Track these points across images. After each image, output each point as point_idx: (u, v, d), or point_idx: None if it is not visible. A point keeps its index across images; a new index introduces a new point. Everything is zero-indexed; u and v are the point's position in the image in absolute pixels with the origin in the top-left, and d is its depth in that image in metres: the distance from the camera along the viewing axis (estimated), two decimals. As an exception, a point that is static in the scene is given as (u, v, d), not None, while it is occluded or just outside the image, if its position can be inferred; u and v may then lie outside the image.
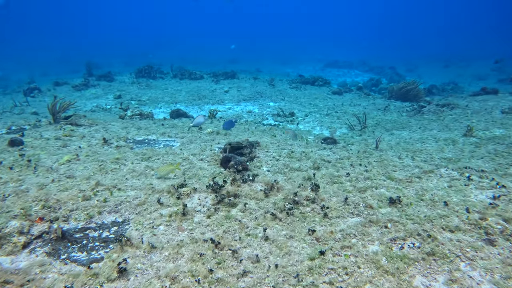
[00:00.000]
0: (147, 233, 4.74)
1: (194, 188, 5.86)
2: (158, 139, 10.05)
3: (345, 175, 7.08)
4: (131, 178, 6.72)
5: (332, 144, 10.28)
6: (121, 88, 19.94)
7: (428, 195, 6.08)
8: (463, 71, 31.80)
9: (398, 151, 9.66)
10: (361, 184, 6.57)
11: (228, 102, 18.20)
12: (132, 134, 10.33)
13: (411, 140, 11.46)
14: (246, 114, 16.34)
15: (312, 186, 5.90)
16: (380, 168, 7.68)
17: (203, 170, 7.26)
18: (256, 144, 8.96)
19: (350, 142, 10.92)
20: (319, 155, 8.64)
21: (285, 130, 12.32)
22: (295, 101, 18.72)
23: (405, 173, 7.35)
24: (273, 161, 8.02)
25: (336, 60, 39.48)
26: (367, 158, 8.62)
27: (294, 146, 9.58)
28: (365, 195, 6.04)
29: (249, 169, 7.26)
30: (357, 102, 18.37)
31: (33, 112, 14.68)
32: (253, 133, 11.27)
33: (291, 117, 15.84)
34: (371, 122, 14.66)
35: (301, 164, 7.79)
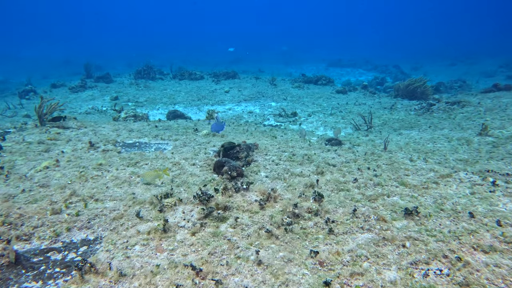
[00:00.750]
0: (118, 255, 3.94)
1: (179, 199, 5.05)
2: (150, 142, 9.27)
3: (352, 181, 6.24)
4: (113, 187, 5.93)
5: (337, 145, 9.44)
6: (118, 90, 19.21)
7: (449, 204, 5.22)
8: (470, 69, 30.72)
9: (408, 152, 8.80)
10: (371, 192, 5.73)
11: (228, 103, 17.40)
12: (123, 137, 9.56)
13: (421, 140, 10.58)
14: (247, 115, 15.54)
15: (315, 195, 5.07)
16: (391, 172, 6.82)
17: (193, 177, 6.46)
18: (253, 146, 8.14)
19: (356, 143, 10.07)
20: (322, 158, 7.80)
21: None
22: (297, 100, 17.88)
23: (420, 178, 6.49)
24: (272, 166, 7.19)
25: (339, 59, 38.56)
26: (376, 160, 7.77)
27: (295, 149, 8.75)
28: (376, 205, 5.20)
29: (245, 175, 6.45)
30: (362, 101, 17.48)
31: (25, 115, 13.98)
32: (252, 134, 10.46)
33: (293, 117, 15.01)
34: (378, 121, 13.79)
35: (303, 169, 6.96)
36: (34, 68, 32.11)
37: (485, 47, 41.34)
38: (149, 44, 49.39)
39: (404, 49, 46.20)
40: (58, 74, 28.83)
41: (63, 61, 31.34)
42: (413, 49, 45.36)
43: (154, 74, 21.84)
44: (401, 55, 41.65)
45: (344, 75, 32.26)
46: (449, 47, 43.00)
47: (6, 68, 31.26)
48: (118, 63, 30.22)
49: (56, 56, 36.02)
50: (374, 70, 33.89)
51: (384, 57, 40.03)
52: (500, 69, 29.67)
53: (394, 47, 48.68)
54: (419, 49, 44.83)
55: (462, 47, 42.63)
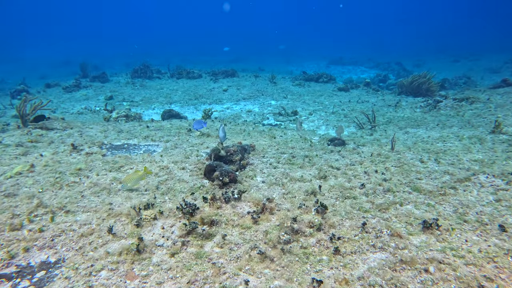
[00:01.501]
0: (79, 284, 3.20)
1: (160, 211, 4.30)
2: (139, 143, 8.54)
3: (359, 186, 5.48)
4: (89, 196, 5.20)
5: (340, 145, 8.68)
6: (114, 89, 18.47)
7: (473, 214, 4.47)
8: (474, 65, 29.83)
9: (418, 153, 8.03)
10: (381, 200, 4.97)
11: (226, 102, 16.65)
12: (111, 138, 8.83)
13: (430, 139, 9.81)
14: (245, 114, 14.79)
15: (317, 206, 4.31)
16: (402, 176, 6.06)
17: (181, 183, 5.72)
18: (250, 148, 7.40)
19: (360, 143, 9.30)
20: (325, 160, 7.05)
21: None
22: (298, 99, 17.11)
23: (434, 182, 5.73)
24: (270, 169, 6.44)
25: (341, 57, 37.72)
26: (383, 162, 7.00)
27: (296, 150, 8.00)
28: (388, 216, 4.45)
29: (239, 180, 5.70)
30: (365, 99, 16.70)
31: (14, 115, 13.27)
32: (250, 134, 9.71)
33: (294, 116, 14.25)
34: (382, 119, 13.02)
35: (303, 173, 6.21)
36: (33, 68, 31.39)
37: (489, 43, 40.40)
38: (149, 44, 48.67)
39: (406, 46, 45.32)
40: (57, 74, 28.08)
41: (63, 61, 30.56)
42: (415, 46, 44.48)
43: (151, 73, 21.11)
44: (403, 52, 40.76)
45: (345, 73, 31.45)
46: (451, 43, 42.11)
47: (6, 68, 30.45)
48: (116, 62, 29.43)
49: (56, 57, 35.17)
50: (376, 68, 33.05)
51: (386, 55, 39.19)
52: (506, 65, 28.76)
53: (396, 45, 47.79)
54: (421, 46, 43.95)
55: (465, 44, 41.71)
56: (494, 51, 34.14)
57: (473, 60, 32.63)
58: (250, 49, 42.97)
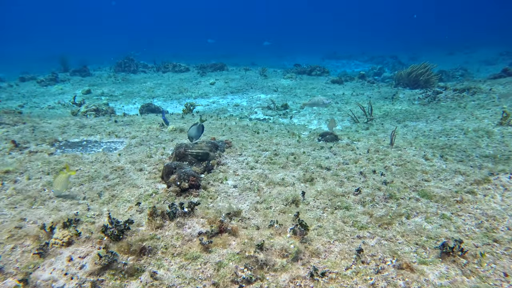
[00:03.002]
0: None
1: (77, 233, 3.06)
2: (101, 140, 7.28)
3: (354, 192, 4.27)
4: (3, 207, 3.95)
5: (333, 141, 7.46)
6: (93, 83, 17.12)
7: (503, 230, 3.27)
8: (469, 58, 28.71)
9: (420, 148, 6.85)
10: (382, 210, 3.76)
11: (213, 96, 15.37)
12: (69, 134, 7.56)
13: (431, 133, 8.64)
14: (232, 108, 13.53)
15: (295, 224, 3.09)
16: (405, 177, 4.86)
17: (131, 189, 4.48)
18: (224, 144, 6.16)
19: (355, 138, 8.10)
20: (313, 159, 5.83)
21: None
22: (289, 92, 15.86)
23: (446, 185, 4.53)
24: (246, 170, 5.22)
25: (335, 52, 36.48)
26: (382, 160, 5.80)
27: (280, 146, 6.77)
28: (392, 234, 3.24)
29: (203, 185, 4.47)
30: (360, 91, 15.48)
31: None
32: (231, 129, 8.46)
33: (284, 110, 13.01)
34: (378, 112, 11.82)
35: (286, 174, 4.99)
36: (18, 63, 29.73)
37: (482, 36, 39.31)
38: (142, 42, 47.10)
39: (400, 40, 44.15)
40: (42, 69, 26.24)
41: (52, 57, 28.56)
42: (410, 40, 43.33)
43: (135, 67, 19.77)
44: (398, 46, 39.58)
45: (339, 67, 30.24)
46: (445, 36, 40.98)
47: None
48: (107, 58, 27.70)
49: (48, 53, 33.16)
50: (371, 61, 31.87)
51: (380, 48, 37.99)
52: (501, 57, 27.67)
53: (390, 38, 46.62)
54: (415, 40, 42.82)
55: (459, 37, 40.59)
56: (488, 44, 33.04)
57: (468, 53, 31.54)
58: (243, 46, 41.64)
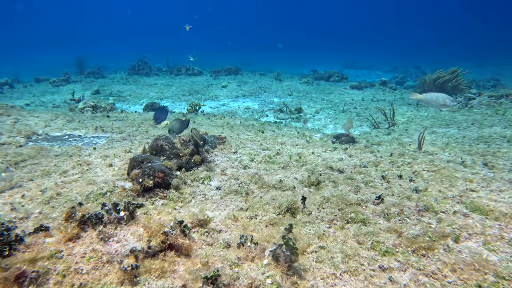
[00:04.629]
0: None
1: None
2: (85, 134, 6.39)
3: (374, 200, 3.11)
4: None
5: (348, 143, 6.29)
6: (103, 84, 16.55)
7: None
8: (501, 69, 26.77)
9: (455, 154, 5.59)
10: (415, 228, 2.59)
11: (223, 98, 14.44)
12: (53, 128, 6.72)
13: (466, 140, 7.32)
14: (242, 111, 12.53)
15: (278, 246, 1.95)
16: (443, 185, 3.65)
17: (87, 186, 3.48)
18: (216, 140, 5.10)
19: (375, 142, 6.90)
20: (323, 160, 4.69)
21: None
22: (304, 96, 14.75)
23: (503, 198, 3.30)
24: (237, 169, 4.13)
25: (355, 61, 35.16)
26: (410, 164, 4.59)
27: (285, 146, 5.66)
28: (436, 268, 2.07)
29: (175, 185, 3.41)
30: (380, 97, 14.20)
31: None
32: (233, 128, 7.42)
33: (297, 113, 11.89)
34: (401, 118, 10.54)
35: (286, 176, 3.88)
36: (43, 68, 29.57)
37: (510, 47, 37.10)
38: (157, 45, 46.85)
39: (425, 51, 42.37)
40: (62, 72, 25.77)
41: (74, 62, 27.97)
42: (434, 51, 41.50)
43: (149, 70, 19.19)
44: (421, 57, 37.83)
45: (359, 76, 28.90)
46: (472, 48, 38.96)
47: (19, 69, 28.30)
48: (125, 63, 26.90)
49: (70, 59, 32.53)
50: (393, 72, 30.31)
51: (402, 59, 36.41)
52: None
53: (414, 50, 44.89)
54: (440, 51, 40.97)
55: (487, 48, 38.48)
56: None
57: (498, 64, 29.55)
58: (262, 55, 40.88)
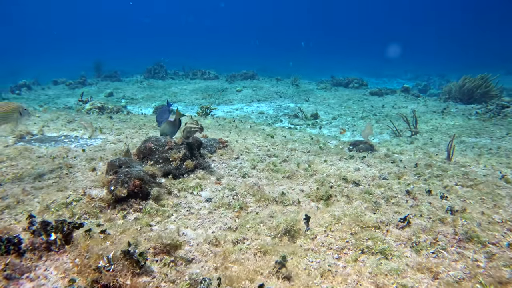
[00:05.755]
0: None
1: None
2: (82, 136, 5.95)
3: (396, 223, 2.43)
4: None
5: (367, 151, 5.59)
6: (118, 87, 16.36)
7: None
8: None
9: (491, 166, 4.81)
10: (457, 266, 1.90)
11: (237, 102, 13.91)
12: (51, 128, 6.32)
13: (502, 151, 6.49)
14: (256, 116, 11.95)
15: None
16: (484, 204, 2.92)
17: (56, 193, 2.96)
18: (216, 143, 4.51)
19: (396, 150, 6.17)
20: (337, 170, 4.02)
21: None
22: (322, 102, 14.04)
23: None
24: (234, 178, 3.53)
25: (375, 69, 34.15)
26: (439, 177, 3.86)
27: (295, 153, 5.03)
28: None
29: (155, 195, 2.83)
30: (402, 104, 13.33)
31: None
32: (241, 132, 6.84)
33: (313, 119, 11.22)
34: (425, 127, 9.71)
35: (290, 187, 3.25)
36: (63, 71, 29.66)
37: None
38: (173, 49, 46.90)
39: (448, 60, 40.85)
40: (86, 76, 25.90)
41: (93, 66, 27.79)
42: (459, 60, 39.92)
43: (165, 73, 18.95)
44: (445, 65, 36.41)
45: (380, 84, 27.83)
46: (500, 56, 37.17)
47: (40, 72, 28.45)
48: (143, 67, 26.61)
49: (90, 63, 32.72)
50: (415, 80, 29.16)
51: (425, 68, 35.13)
52: None
53: (437, 58, 43.35)
54: (466, 59, 39.34)
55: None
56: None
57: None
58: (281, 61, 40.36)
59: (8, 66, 28.77)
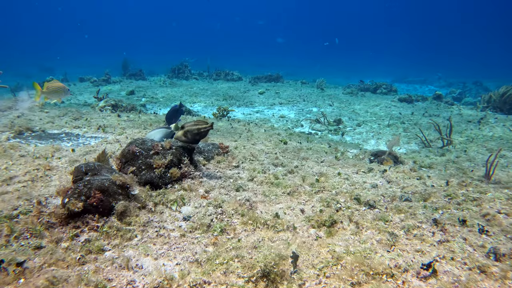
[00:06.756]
0: None
1: None
2: (84, 134, 5.64)
3: (417, 270, 1.80)
4: None
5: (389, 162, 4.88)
6: (140, 85, 16.28)
7: None
8: None
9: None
10: None
11: (258, 105, 13.39)
12: (55, 124, 6.06)
13: (551, 170, 5.56)
14: (276, 119, 11.36)
15: None
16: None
17: (17, 201, 2.53)
18: (215, 149, 3.99)
19: (424, 163, 5.41)
20: (350, 185, 3.39)
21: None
22: (346, 107, 13.26)
23: None
24: (226, 191, 2.99)
25: (405, 75, 32.64)
26: (476, 201, 3.14)
27: (307, 162, 4.42)
28: None
29: (120, 210, 2.34)
30: (434, 112, 12.31)
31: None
32: (253, 136, 6.29)
33: (336, 125, 10.49)
34: (459, 137, 8.78)
35: (288, 206, 2.66)
36: (92, 69, 30.03)
37: None
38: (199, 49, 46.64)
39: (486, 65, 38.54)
40: (113, 74, 26.13)
41: (121, 65, 27.88)
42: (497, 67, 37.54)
43: (189, 73, 18.76)
44: (482, 72, 34.33)
45: (410, 90, 26.48)
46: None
47: (70, 70, 28.97)
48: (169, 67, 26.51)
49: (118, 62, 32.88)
50: (449, 87, 27.52)
51: (460, 74, 33.22)
52: None
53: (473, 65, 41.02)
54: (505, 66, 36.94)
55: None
56: None
57: None
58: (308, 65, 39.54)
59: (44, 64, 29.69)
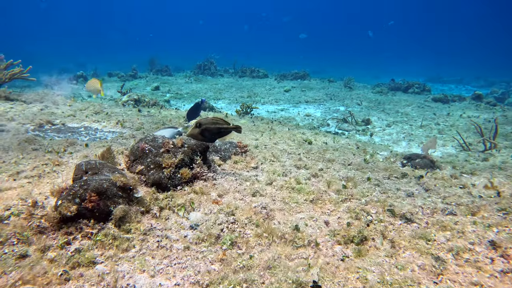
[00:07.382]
0: None
1: None
2: (103, 128, 5.54)
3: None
4: None
5: (426, 168, 4.40)
6: (165, 81, 16.29)
7: None
8: None
9: None
10: None
11: (284, 103, 13.00)
12: (77, 118, 5.98)
13: None
14: (301, 118, 10.95)
15: None
16: None
17: (19, 199, 2.34)
18: (232, 148, 3.68)
19: (465, 169, 4.85)
20: (382, 192, 2.98)
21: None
22: (376, 107, 12.62)
23: None
24: (242, 196, 2.67)
25: (439, 74, 31.05)
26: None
27: (333, 165, 4.03)
28: None
29: (118, 216, 2.08)
30: (472, 113, 11.45)
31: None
32: (275, 135, 5.95)
33: (364, 125, 9.95)
34: (504, 141, 8.03)
35: (310, 216, 2.32)
36: (122, 64, 30.09)
37: None
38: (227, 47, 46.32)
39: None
40: (141, 69, 26.02)
41: (149, 61, 27.96)
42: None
43: (215, 69, 18.62)
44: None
45: (445, 91, 25.18)
46: None
47: (100, 65, 29.25)
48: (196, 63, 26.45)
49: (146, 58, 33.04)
50: (489, 88, 25.89)
51: (502, 73, 31.24)
52: None
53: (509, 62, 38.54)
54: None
55: None
56: None
57: None
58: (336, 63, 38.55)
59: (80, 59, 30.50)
